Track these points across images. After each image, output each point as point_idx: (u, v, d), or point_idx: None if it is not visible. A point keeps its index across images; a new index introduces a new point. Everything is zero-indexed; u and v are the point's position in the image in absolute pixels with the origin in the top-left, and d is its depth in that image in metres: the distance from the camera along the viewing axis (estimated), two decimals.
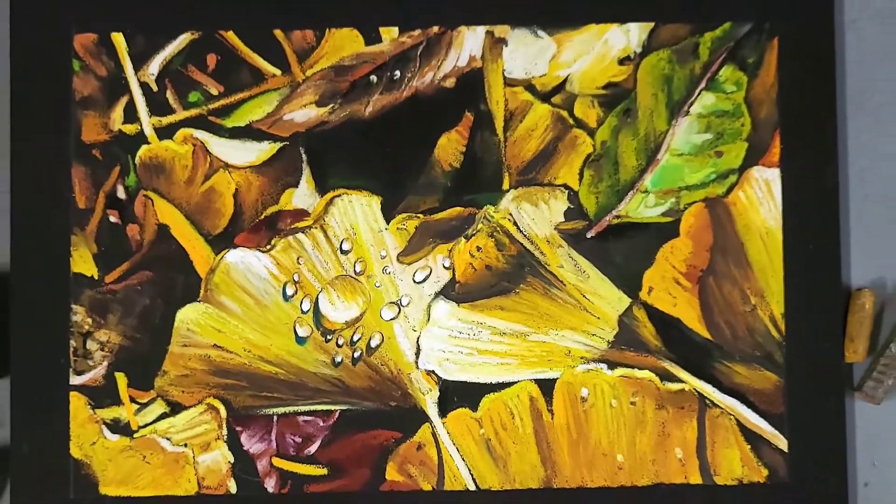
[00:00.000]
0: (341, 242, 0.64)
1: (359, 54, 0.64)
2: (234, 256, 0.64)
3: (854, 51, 0.65)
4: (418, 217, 0.64)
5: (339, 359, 0.63)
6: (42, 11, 0.64)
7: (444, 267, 0.64)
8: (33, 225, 0.63)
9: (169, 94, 0.64)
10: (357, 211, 0.64)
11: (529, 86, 0.64)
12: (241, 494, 0.63)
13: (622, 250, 0.64)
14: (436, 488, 0.63)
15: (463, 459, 0.63)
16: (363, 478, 0.63)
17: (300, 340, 0.64)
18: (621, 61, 0.64)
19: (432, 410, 0.63)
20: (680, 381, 0.63)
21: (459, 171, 0.64)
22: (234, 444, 0.63)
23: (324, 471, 0.63)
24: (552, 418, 0.63)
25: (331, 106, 0.64)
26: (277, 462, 0.63)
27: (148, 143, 0.64)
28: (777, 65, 0.64)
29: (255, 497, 0.63)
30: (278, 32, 0.64)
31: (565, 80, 0.64)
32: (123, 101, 0.64)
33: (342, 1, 0.64)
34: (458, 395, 0.63)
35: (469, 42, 0.64)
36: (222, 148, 0.64)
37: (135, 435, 0.63)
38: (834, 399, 0.63)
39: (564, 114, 0.64)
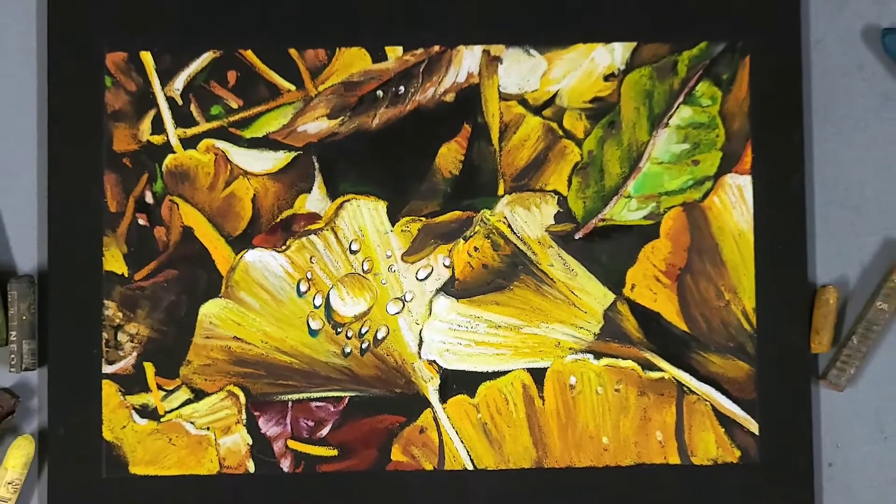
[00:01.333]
0: (350, 243, 0.65)
1: (366, 71, 0.65)
2: (252, 256, 0.64)
3: (819, 68, 0.66)
4: (421, 220, 0.65)
5: (348, 350, 0.64)
6: (77, 32, 0.65)
7: (445, 266, 0.65)
8: (68, 227, 0.64)
9: (193, 108, 0.65)
10: (365, 214, 0.65)
11: (522, 100, 0.65)
12: (259, 473, 0.64)
13: (607, 250, 0.65)
14: (437, 468, 0.64)
15: (462, 441, 0.64)
16: (370, 458, 0.64)
17: (313, 333, 0.64)
18: (606, 78, 0.65)
19: (434, 397, 0.64)
20: (660, 370, 0.64)
21: (458, 178, 0.65)
22: (252, 427, 0.64)
23: (334, 452, 0.64)
24: (543, 404, 0.64)
25: (341, 118, 0.65)
26: (292, 444, 0.64)
27: (174, 152, 0.65)
28: (749, 81, 0.65)
29: (272, 476, 0.64)
30: (293, 51, 0.65)
31: (555, 95, 0.65)
32: (151, 114, 0.65)
33: (351, 22, 0.65)
34: (457, 383, 0.64)
35: (467, 60, 0.65)
36: (242, 157, 0.65)
37: (162, 419, 0.64)
38: (801, 386, 0.64)
39: (554, 126, 0.65)
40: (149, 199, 0.64)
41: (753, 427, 0.64)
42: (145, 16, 0.65)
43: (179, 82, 0.65)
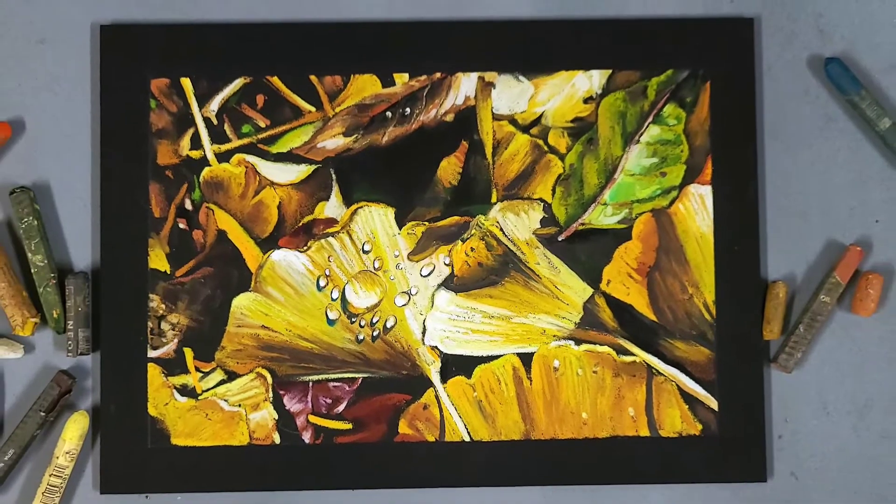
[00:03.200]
0: (363, 244, 0.65)
1: (377, 95, 0.66)
2: (278, 255, 0.65)
3: (770, 92, 0.67)
4: (424, 224, 0.65)
5: (361, 337, 0.65)
6: (125, 61, 0.65)
7: (445, 264, 0.66)
8: (118, 230, 0.65)
9: (226, 127, 0.65)
10: (376, 219, 0.65)
11: (512, 120, 0.66)
12: (284, 444, 0.65)
13: (586, 251, 0.66)
14: (438, 439, 0.65)
15: (460, 417, 0.65)
16: (381, 431, 0.65)
17: (331, 322, 0.65)
18: (585, 100, 0.66)
19: (435, 378, 0.65)
20: (632, 354, 0.65)
21: (457, 188, 0.66)
22: (278, 404, 0.65)
23: (349, 426, 0.65)
24: (531, 384, 0.65)
25: (355, 136, 0.66)
26: (312, 419, 0.65)
27: (210, 165, 0.65)
28: (709, 103, 0.66)
29: (295, 447, 0.65)
30: (313, 77, 0.65)
31: (541, 116, 0.66)
32: (190, 132, 0.65)
33: (364, 52, 0.65)
34: (456, 366, 0.65)
35: (465, 85, 0.66)
36: (269, 169, 0.65)
37: (199, 397, 0.65)
38: (754, 369, 0.65)
39: (540, 142, 0.66)
40: (188, 206, 0.65)
41: (713, 404, 0.65)
42: (185, 47, 0.65)
43: (215, 104, 0.65)
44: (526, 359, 0.66)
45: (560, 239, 0.66)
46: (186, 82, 0.66)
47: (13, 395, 0.66)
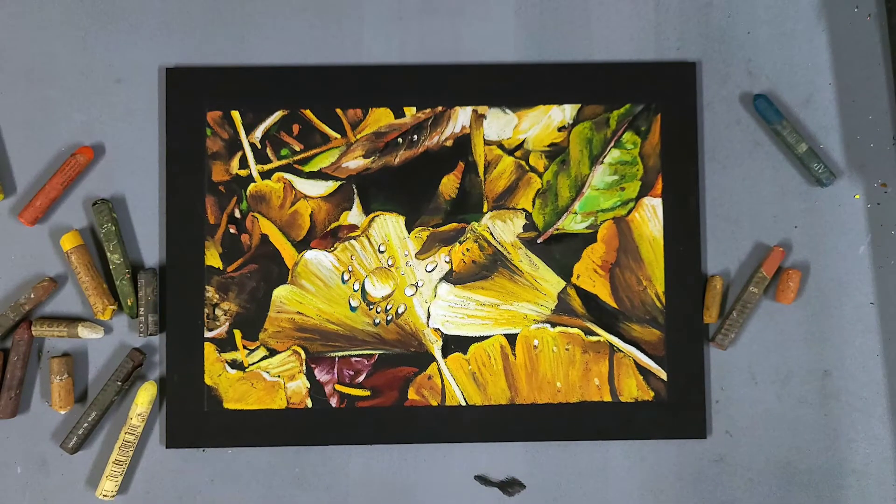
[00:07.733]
0: (379, 246, 0.69)
1: (390, 125, 0.69)
2: (310, 255, 0.69)
3: (709, 122, 0.71)
4: (429, 229, 0.69)
5: (377, 321, 0.69)
6: (186, 97, 0.69)
7: (445, 262, 0.69)
8: (181, 234, 0.69)
9: (268, 150, 0.69)
10: (389, 225, 0.69)
11: (500, 145, 0.69)
12: (315, 408, 0.69)
13: (560, 251, 0.69)
14: (440, 404, 0.69)
15: (457, 385, 0.69)
16: (393, 397, 0.69)
17: (353, 309, 0.69)
18: (559, 129, 0.69)
19: (438, 354, 0.69)
20: (597, 335, 0.69)
21: (455, 200, 0.69)
22: (310, 375, 0.69)
23: (368, 393, 0.69)
24: (515, 359, 0.69)
25: (372, 158, 0.69)
26: (338, 387, 0.69)
27: (255, 181, 0.69)
28: (660, 131, 0.69)
29: (324, 410, 0.68)
30: (339, 110, 0.69)
31: (523, 141, 0.69)
32: (239, 154, 0.69)
33: (380, 90, 0.69)
34: (454, 344, 0.69)
35: (461, 117, 0.69)
36: (302, 185, 0.69)
37: (246, 370, 0.68)
38: (696, 346, 0.69)
39: (523, 163, 0.69)
40: (237, 214, 0.69)
41: (663, 375, 0.69)
42: (235, 86, 0.69)
43: (259, 132, 0.69)
44: (511, 338, 0.69)
45: (539, 241, 0.70)
46: (236, 114, 0.70)
47: (95, 368, 0.70)
